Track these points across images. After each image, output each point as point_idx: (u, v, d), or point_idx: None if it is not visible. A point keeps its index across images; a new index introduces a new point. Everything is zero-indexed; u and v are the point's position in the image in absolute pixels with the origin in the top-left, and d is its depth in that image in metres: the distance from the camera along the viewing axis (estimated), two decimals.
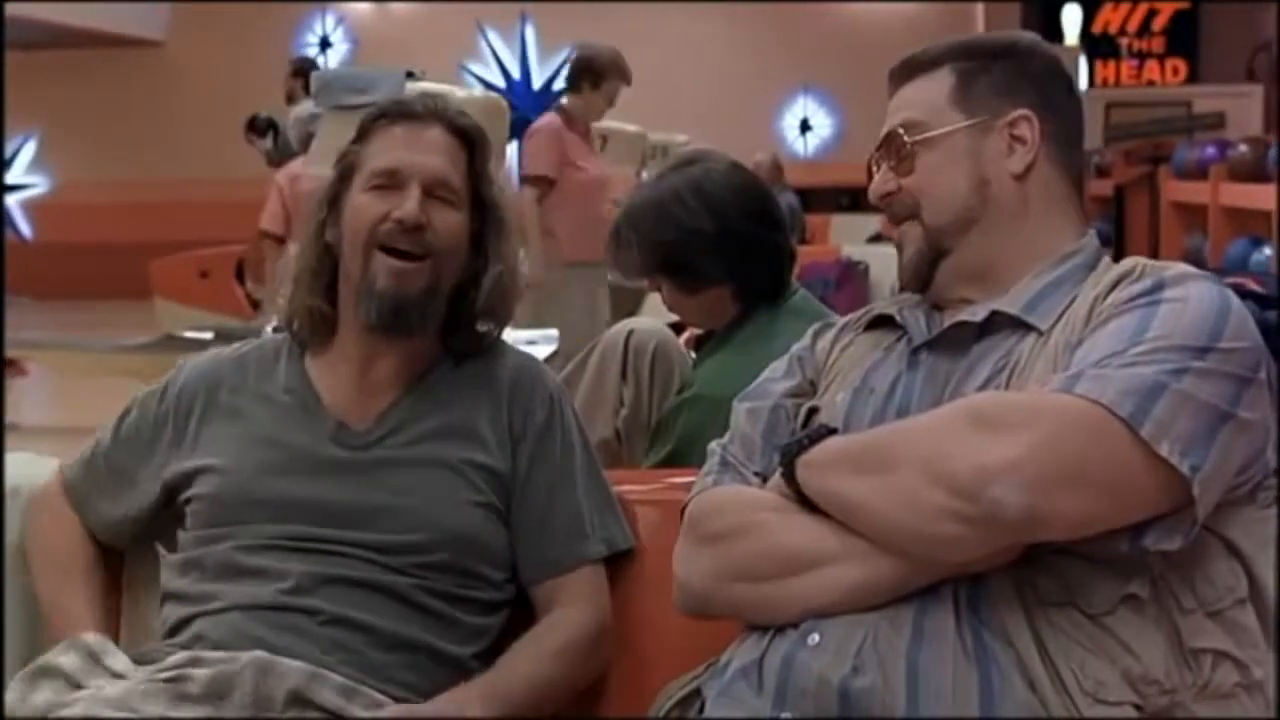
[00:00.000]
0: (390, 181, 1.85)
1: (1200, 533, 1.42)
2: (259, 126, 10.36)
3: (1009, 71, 1.67)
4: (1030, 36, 1.73)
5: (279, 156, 9.33)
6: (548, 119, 5.93)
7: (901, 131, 1.66)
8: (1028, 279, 1.60)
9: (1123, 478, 1.39)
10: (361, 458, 1.84)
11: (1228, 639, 1.44)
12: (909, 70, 1.70)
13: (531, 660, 1.81)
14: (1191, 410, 1.40)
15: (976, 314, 1.59)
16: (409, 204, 1.83)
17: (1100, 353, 1.45)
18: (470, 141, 1.91)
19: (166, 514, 1.91)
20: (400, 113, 1.90)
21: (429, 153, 1.87)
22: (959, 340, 1.60)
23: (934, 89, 1.67)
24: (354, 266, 1.86)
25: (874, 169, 1.70)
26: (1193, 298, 1.47)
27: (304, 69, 9.30)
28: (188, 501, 1.86)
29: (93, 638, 1.78)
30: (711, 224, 2.46)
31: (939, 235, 1.64)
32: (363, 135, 1.92)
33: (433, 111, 1.90)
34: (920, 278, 1.66)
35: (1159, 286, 1.50)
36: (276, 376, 1.92)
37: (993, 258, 1.63)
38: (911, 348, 1.62)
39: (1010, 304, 1.58)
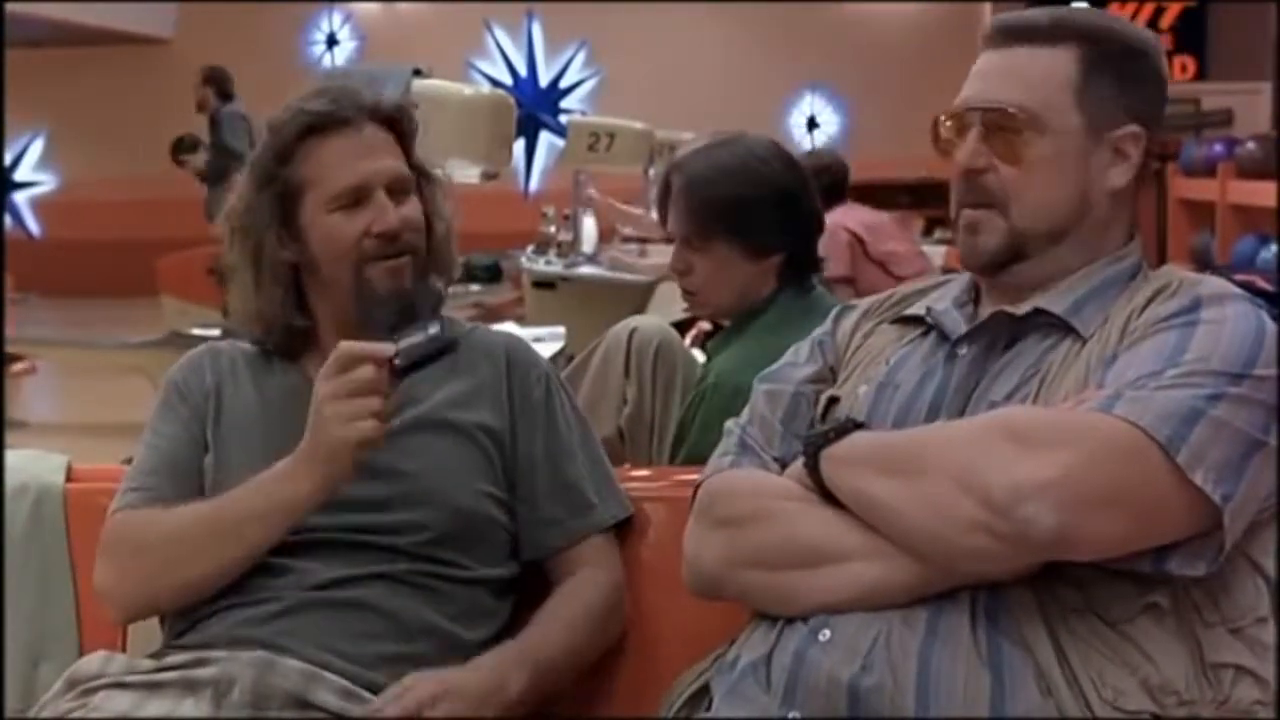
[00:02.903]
0: (356, 198, 1.83)
1: None
2: (185, 147, 10.11)
3: (1133, 75, 1.57)
4: (1156, 38, 1.62)
5: (209, 172, 9.25)
6: None
7: (1015, 113, 1.54)
8: (1074, 278, 1.57)
9: (1154, 502, 1.37)
10: None
11: (1249, 655, 1.43)
12: (1026, 32, 1.57)
13: (563, 626, 1.81)
14: (1225, 438, 1.38)
15: (1019, 308, 1.56)
16: (388, 216, 1.83)
17: (1136, 371, 1.42)
18: (395, 120, 1.88)
19: None
20: (330, 122, 1.84)
21: (379, 156, 1.85)
22: (997, 333, 1.57)
23: (1054, 70, 1.55)
24: (344, 283, 1.85)
25: (947, 131, 1.59)
26: (1229, 320, 1.45)
27: (213, 77, 9.35)
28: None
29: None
30: (795, 184, 2.46)
31: (1023, 239, 1.57)
32: (290, 153, 1.84)
33: (357, 108, 1.85)
34: (990, 272, 1.60)
35: (1195, 305, 1.48)
36: (273, 374, 1.92)
37: (1067, 268, 1.58)
38: (952, 340, 1.59)
39: (1055, 303, 1.55)
